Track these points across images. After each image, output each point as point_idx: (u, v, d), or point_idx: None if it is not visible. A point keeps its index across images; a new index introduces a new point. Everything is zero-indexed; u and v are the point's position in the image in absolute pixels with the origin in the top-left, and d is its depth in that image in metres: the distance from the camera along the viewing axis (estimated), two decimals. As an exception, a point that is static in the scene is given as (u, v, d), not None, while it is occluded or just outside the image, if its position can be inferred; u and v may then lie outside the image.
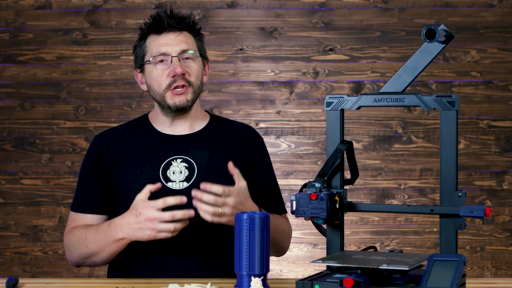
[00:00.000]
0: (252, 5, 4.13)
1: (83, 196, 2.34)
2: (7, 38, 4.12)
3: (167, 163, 2.31)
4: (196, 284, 1.99)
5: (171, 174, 2.29)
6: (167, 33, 2.31)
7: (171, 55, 2.29)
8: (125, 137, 2.37)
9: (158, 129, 2.37)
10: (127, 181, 2.30)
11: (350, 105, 1.89)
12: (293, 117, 4.13)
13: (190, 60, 2.31)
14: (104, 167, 2.33)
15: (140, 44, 2.35)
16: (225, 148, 2.36)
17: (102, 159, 2.34)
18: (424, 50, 1.85)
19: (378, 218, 4.13)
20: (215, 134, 2.38)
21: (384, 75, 4.10)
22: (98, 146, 2.36)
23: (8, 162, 4.14)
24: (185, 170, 2.30)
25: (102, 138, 2.38)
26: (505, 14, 4.10)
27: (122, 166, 2.32)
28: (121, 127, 2.42)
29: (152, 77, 2.31)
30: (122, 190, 2.30)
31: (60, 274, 4.13)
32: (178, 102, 2.29)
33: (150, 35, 2.33)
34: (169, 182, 2.28)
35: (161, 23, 2.29)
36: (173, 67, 2.28)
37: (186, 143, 2.34)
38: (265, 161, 2.43)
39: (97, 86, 4.12)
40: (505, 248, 4.12)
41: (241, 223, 1.87)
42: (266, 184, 2.40)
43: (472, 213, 1.75)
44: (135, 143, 2.35)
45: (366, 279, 1.68)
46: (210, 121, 2.42)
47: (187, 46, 2.31)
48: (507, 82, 4.11)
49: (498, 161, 4.11)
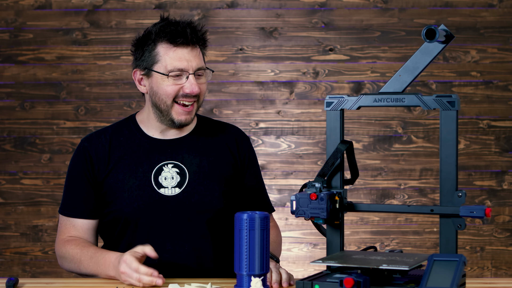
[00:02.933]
0: (252, 5, 4.13)
1: (72, 200, 2.33)
2: (7, 38, 4.12)
3: (159, 168, 2.29)
4: (196, 284, 1.99)
5: (163, 180, 2.28)
6: (183, 47, 2.23)
7: (188, 72, 2.23)
8: (114, 140, 2.33)
9: (148, 134, 2.34)
10: (119, 187, 2.28)
11: (350, 105, 1.89)
12: (293, 117, 4.13)
13: (202, 77, 2.28)
14: (94, 172, 2.30)
15: (149, 48, 2.26)
16: (214, 151, 2.35)
17: (92, 163, 2.31)
18: (424, 50, 1.85)
19: (378, 218, 4.13)
20: (204, 137, 2.37)
21: (384, 75, 4.10)
22: (87, 150, 2.32)
23: (8, 162, 4.14)
24: (176, 176, 2.29)
25: (91, 141, 2.34)
26: (505, 14, 4.10)
27: (114, 171, 2.29)
28: (109, 129, 2.37)
29: (161, 87, 2.25)
30: (114, 196, 2.28)
31: (60, 274, 4.13)
32: (184, 120, 2.27)
33: (162, 43, 2.24)
34: (161, 188, 2.27)
35: (181, 36, 2.22)
36: (190, 86, 2.22)
37: (177, 148, 2.32)
38: (253, 161, 2.43)
39: (97, 86, 4.12)
40: (505, 248, 4.12)
41: (241, 223, 1.87)
42: (254, 185, 2.41)
43: (472, 213, 1.75)
44: (125, 147, 2.32)
45: (366, 279, 1.68)
46: (198, 123, 2.40)
47: (201, 63, 2.26)
48: (507, 82, 4.11)
49: (498, 161, 4.11)
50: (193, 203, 2.27)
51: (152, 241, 2.22)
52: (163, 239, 2.27)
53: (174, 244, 2.26)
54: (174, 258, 2.26)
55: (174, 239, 2.27)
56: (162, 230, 2.27)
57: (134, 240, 2.27)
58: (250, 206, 2.37)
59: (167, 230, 2.27)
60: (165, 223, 2.27)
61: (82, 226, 2.31)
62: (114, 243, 2.33)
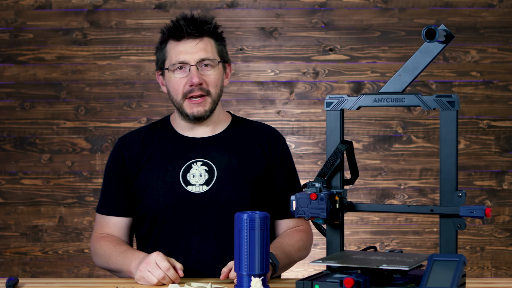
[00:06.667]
0: (252, 5, 4.13)
1: (105, 198, 2.38)
2: (7, 38, 4.12)
3: (187, 166, 2.32)
4: (196, 284, 1.99)
5: (191, 177, 2.30)
6: (186, 40, 2.29)
7: (189, 64, 2.28)
8: (147, 139, 2.38)
9: (179, 132, 2.38)
10: (148, 185, 2.31)
11: (350, 105, 1.89)
12: (293, 117, 4.13)
13: (209, 68, 2.31)
14: (126, 170, 2.35)
15: (161, 47, 2.34)
16: (245, 151, 2.36)
17: (124, 162, 2.35)
18: (424, 50, 1.85)
19: (378, 218, 4.13)
20: (236, 136, 2.39)
21: (384, 75, 4.10)
22: (120, 149, 2.38)
23: (8, 162, 4.14)
24: (205, 174, 2.30)
25: (125, 140, 2.40)
26: (505, 14, 4.10)
27: (144, 169, 2.33)
28: (143, 129, 2.43)
29: (170, 83, 2.32)
30: (144, 193, 2.32)
31: (60, 274, 4.13)
32: (196, 113, 2.30)
33: (170, 41, 2.32)
34: (188, 186, 2.29)
35: (180, 31, 2.28)
36: (191, 76, 2.27)
37: (207, 146, 2.34)
38: (286, 163, 2.41)
39: (97, 86, 4.12)
40: (505, 248, 4.12)
41: (241, 223, 1.87)
42: (284, 186, 2.39)
43: (472, 213, 1.75)
44: (156, 146, 2.36)
45: (366, 279, 1.68)
46: (232, 123, 2.42)
47: (206, 54, 2.30)
48: (507, 82, 4.11)
49: (498, 161, 4.11)
50: (219, 201, 2.28)
51: (179, 238, 2.27)
52: (189, 236, 2.28)
53: (200, 242, 2.27)
54: (200, 256, 2.27)
55: (200, 236, 2.27)
56: (189, 227, 2.28)
57: (161, 237, 2.30)
58: (277, 207, 2.36)
59: (194, 227, 2.28)
60: (192, 221, 2.28)
61: (115, 224, 2.35)
62: (144, 241, 2.36)
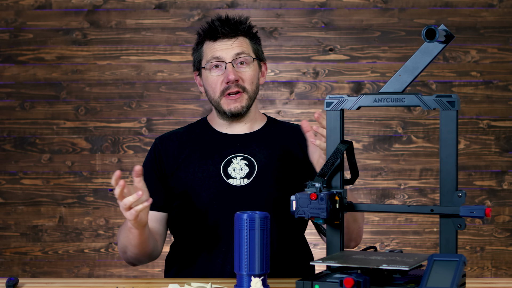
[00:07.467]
0: (252, 5, 4.13)
1: None
2: (7, 38, 4.12)
3: (228, 160, 2.35)
4: (196, 284, 1.99)
5: (231, 171, 2.34)
6: (222, 40, 2.36)
7: (225, 61, 2.34)
8: (185, 138, 2.43)
9: (217, 130, 2.43)
10: (188, 179, 2.35)
11: (350, 105, 1.89)
12: (293, 117, 4.13)
13: (245, 65, 2.36)
14: (164, 166, 2.39)
15: (197, 49, 2.41)
16: (284, 147, 2.40)
17: (161, 159, 2.39)
18: (424, 50, 1.85)
19: (378, 218, 4.13)
20: (273, 134, 2.43)
21: (384, 75, 4.10)
22: (157, 147, 2.43)
23: (8, 162, 4.14)
24: (245, 167, 2.34)
25: (162, 140, 2.45)
26: (505, 14, 4.10)
27: (183, 164, 2.37)
28: (181, 129, 2.48)
29: (207, 82, 2.37)
30: (184, 188, 2.35)
31: (60, 274, 4.13)
32: (233, 109, 2.35)
33: (206, 41, 2.38)
34: (230, 179, 2.33)
35: (215, 31, 2.35)
36: (227, 74, 2.32)
37: (246, 142, 2.39)
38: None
39: (97, 86, 4.12)
40: (505, 248, 4.12)
41: (241, 223, 1.88)
42: None
43: (472, 213, 1.75)
44: (195, 143, 2.41)
45: (366, 279, 1.68)
46: (268, 122, 2.47)
47: (241, 49, 2.35)
48: (507, 82, 4.11)
49: (498, 161, 4.11)
50: (261, 193, 2.32)
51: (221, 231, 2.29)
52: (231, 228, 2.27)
53: None
54: None
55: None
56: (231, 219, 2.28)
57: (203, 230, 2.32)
58: None
59: None
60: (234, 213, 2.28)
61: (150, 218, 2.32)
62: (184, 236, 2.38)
